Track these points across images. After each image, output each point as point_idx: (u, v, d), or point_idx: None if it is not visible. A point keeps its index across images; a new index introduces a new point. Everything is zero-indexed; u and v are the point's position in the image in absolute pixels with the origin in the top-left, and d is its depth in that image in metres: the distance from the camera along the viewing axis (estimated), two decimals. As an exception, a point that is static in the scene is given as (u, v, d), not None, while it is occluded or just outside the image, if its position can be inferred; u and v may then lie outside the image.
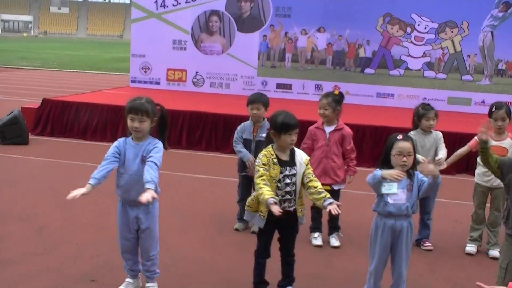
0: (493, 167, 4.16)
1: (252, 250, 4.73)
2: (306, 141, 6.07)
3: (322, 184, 5.88)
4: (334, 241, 6.05)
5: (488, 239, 6.04)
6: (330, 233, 6.13)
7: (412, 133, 6.03)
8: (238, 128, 6.34)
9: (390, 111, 12.64)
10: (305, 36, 14.22)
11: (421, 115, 6.04)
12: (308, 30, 14.19)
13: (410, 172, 4.40)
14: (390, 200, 4.35)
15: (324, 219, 6.12)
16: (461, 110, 13.21)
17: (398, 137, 4.39)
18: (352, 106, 11.74)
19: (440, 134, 6.22)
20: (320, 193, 4.41)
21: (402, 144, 4.33)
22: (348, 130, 6.03)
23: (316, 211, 6.03)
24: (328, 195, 4.40)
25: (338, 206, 4.29)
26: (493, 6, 13.28)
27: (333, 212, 4.25)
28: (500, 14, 13.27)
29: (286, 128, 4.39)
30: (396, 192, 4.33)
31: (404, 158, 4.31)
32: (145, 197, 3.93)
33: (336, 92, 5.99)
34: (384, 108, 13.11)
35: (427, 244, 6.13)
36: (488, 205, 6.07)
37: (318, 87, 14.11)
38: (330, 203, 4.30)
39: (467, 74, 13.59)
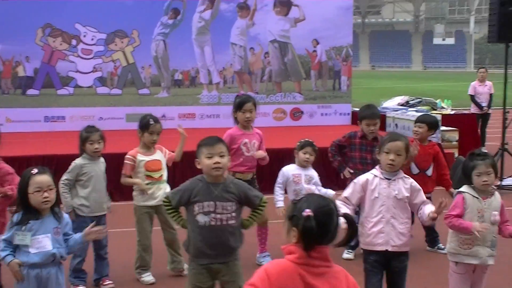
0: None
1: None
2: None
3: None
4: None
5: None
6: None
7: (78, 161, 6.00)
8: None
9: (62, 136, 12.27)
10: None
11: (85, 139, 6.01)
12: (-51, 47, 13.07)
13: (55, 212, 4.28)
14: (32, 249, 4.14)
15: None
16: (142, 127, 13.40)
17: (32, 171, 4.21)
18: (15, 135, 11.19)
19: None
20: None
21: (39, 179, 4.16)
22: (6, 168, 5.50)
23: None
24: None
25: None
26: (162, 13, 13.85)
27: None
28: (170, 21, 13.91)
29: None
30: (28, 244, 4.13)
31: (46, 194, 4.15)
32: None
33: None
34: (55, 134, 12.67)
35: (107, 282, 6.05)
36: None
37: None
38: None
39: (144, 88, 13.94)
